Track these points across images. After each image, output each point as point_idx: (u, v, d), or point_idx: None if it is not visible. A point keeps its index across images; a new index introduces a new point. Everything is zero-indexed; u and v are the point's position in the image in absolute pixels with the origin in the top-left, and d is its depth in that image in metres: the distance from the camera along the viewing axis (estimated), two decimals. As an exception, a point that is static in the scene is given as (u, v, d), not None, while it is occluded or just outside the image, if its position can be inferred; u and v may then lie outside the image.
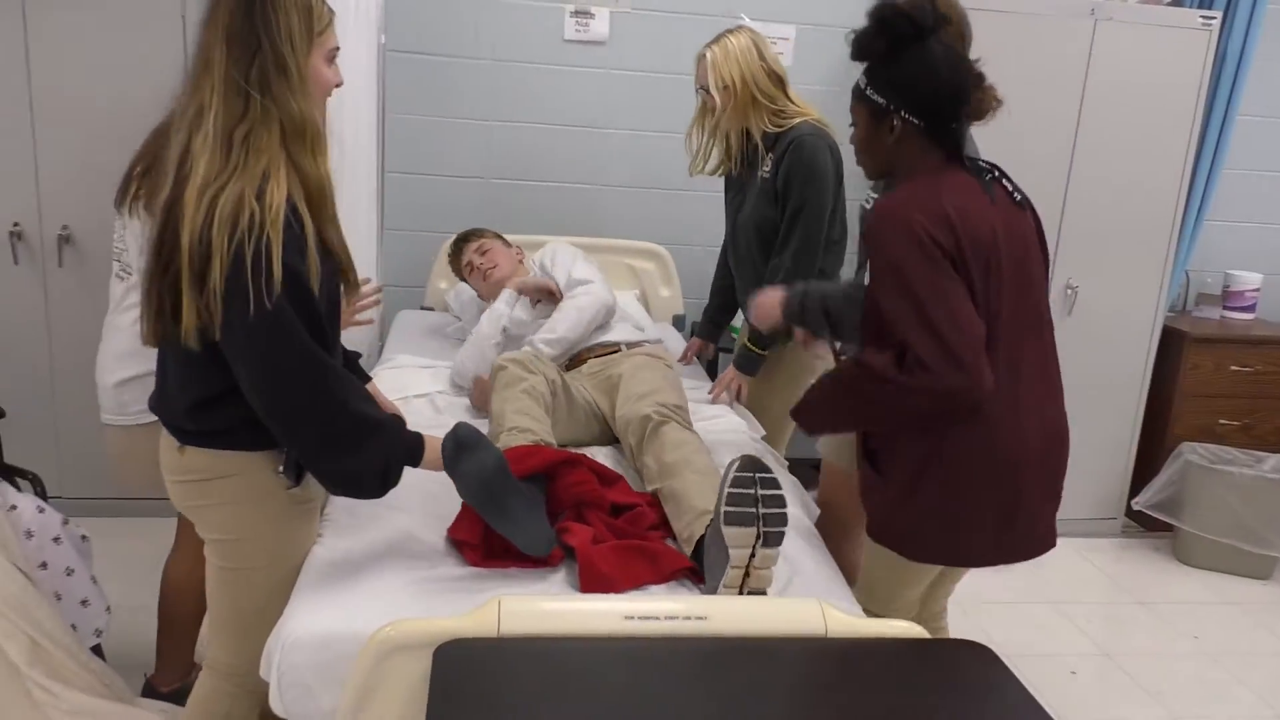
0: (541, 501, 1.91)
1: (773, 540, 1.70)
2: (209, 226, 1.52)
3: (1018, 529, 1.91)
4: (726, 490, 1.72)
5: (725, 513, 1.70)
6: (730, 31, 2.72)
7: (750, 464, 1.75)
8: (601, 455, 2.40)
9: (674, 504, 2.01)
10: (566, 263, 3.04)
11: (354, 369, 2.05)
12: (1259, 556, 3.66)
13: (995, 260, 1.78)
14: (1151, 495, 3.81)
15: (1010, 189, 1.88)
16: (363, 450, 1.67)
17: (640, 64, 3.89)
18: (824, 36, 3.88)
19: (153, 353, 1.76)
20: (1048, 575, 3.61)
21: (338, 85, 1.74)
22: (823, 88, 3.71)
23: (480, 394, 2.63)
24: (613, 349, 2.81)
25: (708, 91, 2.70)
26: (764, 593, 1.73)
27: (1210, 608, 3.49)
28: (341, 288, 1.73)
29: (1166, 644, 3.22)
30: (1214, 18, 3.55)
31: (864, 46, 1.82)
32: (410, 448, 1.75)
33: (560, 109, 3.89)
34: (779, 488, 1.74)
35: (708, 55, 2.70)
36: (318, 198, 1.64)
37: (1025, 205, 1.89)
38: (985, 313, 1.77)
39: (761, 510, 1.70)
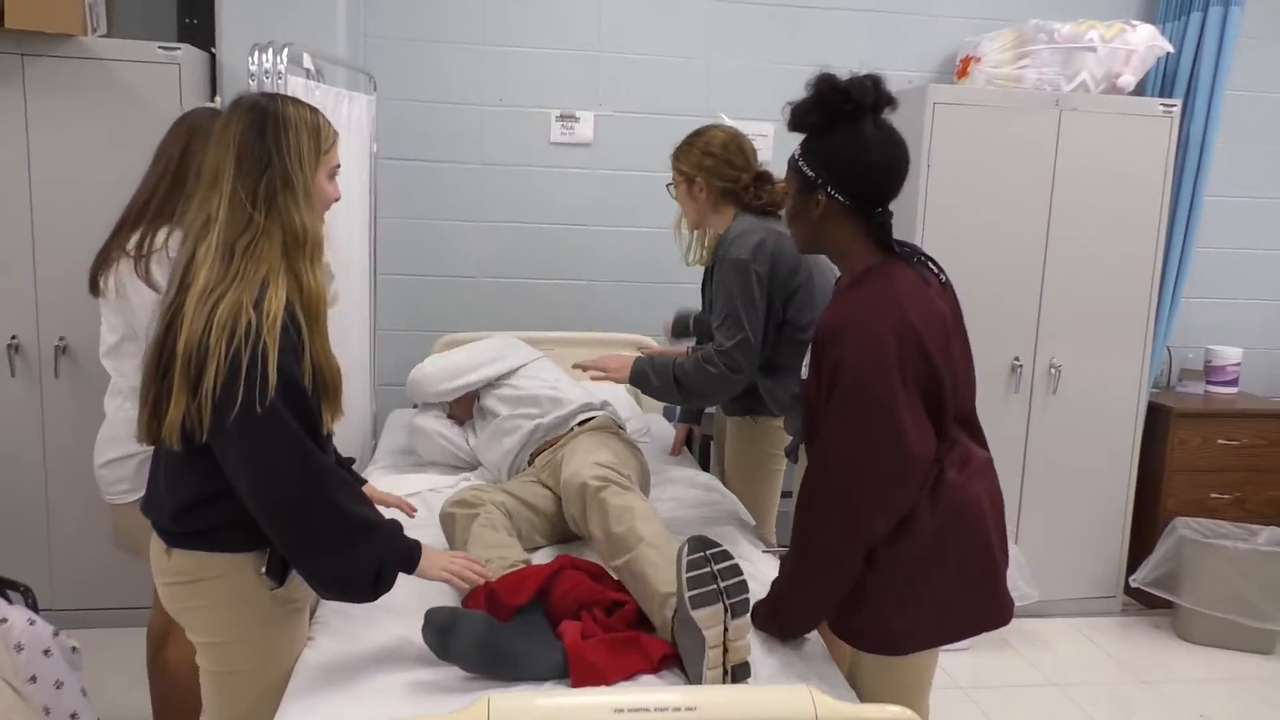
0: (542, 623, 1.89)
1: (740, 609, 1.72)
2: (207, 333, 1.58)
3: (995, 592, 1.88)
4: (685, 577, 1.73)
5: (690, 598, 1.71)
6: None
7: (699, 544, 1.78)
8: (574, 549, 2.41)
9: (637, 587, 1.99)
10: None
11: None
12: (1260, 631, 3.64)
13: (954, 341, 1.80)
14: (1148, 572, 3.80)
15: (936, 270, 1.86)
16: (354, 551, 1.69)
17: (624, 163, 4.01)
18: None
19: (132, 438, 1.80)
20: (1049, 656, 3.58)
21: (335, 200, 1.83)
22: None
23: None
24: (558, 437, 2.77)
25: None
26: (747, 664, 1.74)
27: (1214, 685, 3.45)
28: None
29: (1172, 724, 3.18)
30: (1174, 105, 3.69)
31: (798, 117, 1.81)
32: (405, 554, 1.77)
33: (548, 209, 4.00)
34: (732, 558, 1.77)
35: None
36: (314, 307, 1.70)
37: (948, 285, 1.88)
38: (953, 401, 1.79)
39: (722, 584, 1.72)
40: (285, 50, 2.60)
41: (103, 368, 3.28)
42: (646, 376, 2.49)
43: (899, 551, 1.78)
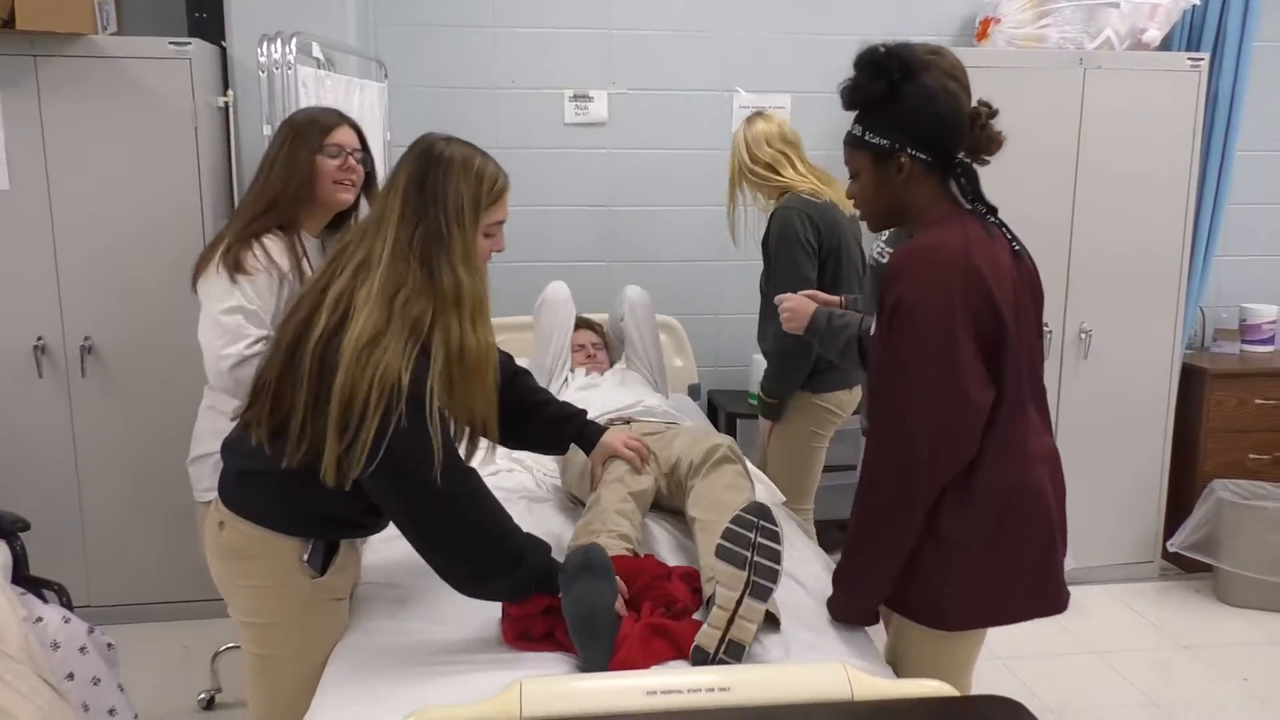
0: (619, 622, 1.84)
1: (760, 593, 1.68)
2: (368, 387, 1.58)
3: (1053, 580, 1.85)
4: (727, 525, 1.71)
5: (718, 545, 1.69)
6: (746, 120, 2.96)
7: (758, 510, 1.74)
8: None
9: (707, 539, 1.96)
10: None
11: (521, 387, 2.17)
12: (1303, 593, 3.58)
13: (1022, 308, 1.77)
14: (1186, 536, 3.74)
15: (1009, 237, 1.84)
16: (507, 580, 1.75)
17: (640, 142, 3.97)
18: (817, 103, 3.95)
19: (212, 436, 1.81)
20: (1088, 624, 3.54)
21: (498, 251, 1.81)
22: (824, 151, 3.76)
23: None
24: (656, 430, 2.74)
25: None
26: (743, 648, 1.69)
27: (1257, 648, 3.40)
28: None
29: (1215, 688, 3.13)
30: (1202, 59, 3.60)
31: (864, 90, 1.79)
32: (549, 574, 1.78)
33: (566, 190, 3.97)
34: (778, 543, 1.72)
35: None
36: (471, 364, 1.69)
37: (1022, 253, 1.86)
38: (1020, 361, 1.75)
39: (754, 558, 1.69)
40: (294, 40, 2.59)
41: (128, 366, 3.31)
42: (820, 333, 2.35)
43: (961, 525, 1.74)
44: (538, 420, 2.19)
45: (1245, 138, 3.99)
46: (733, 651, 1.70)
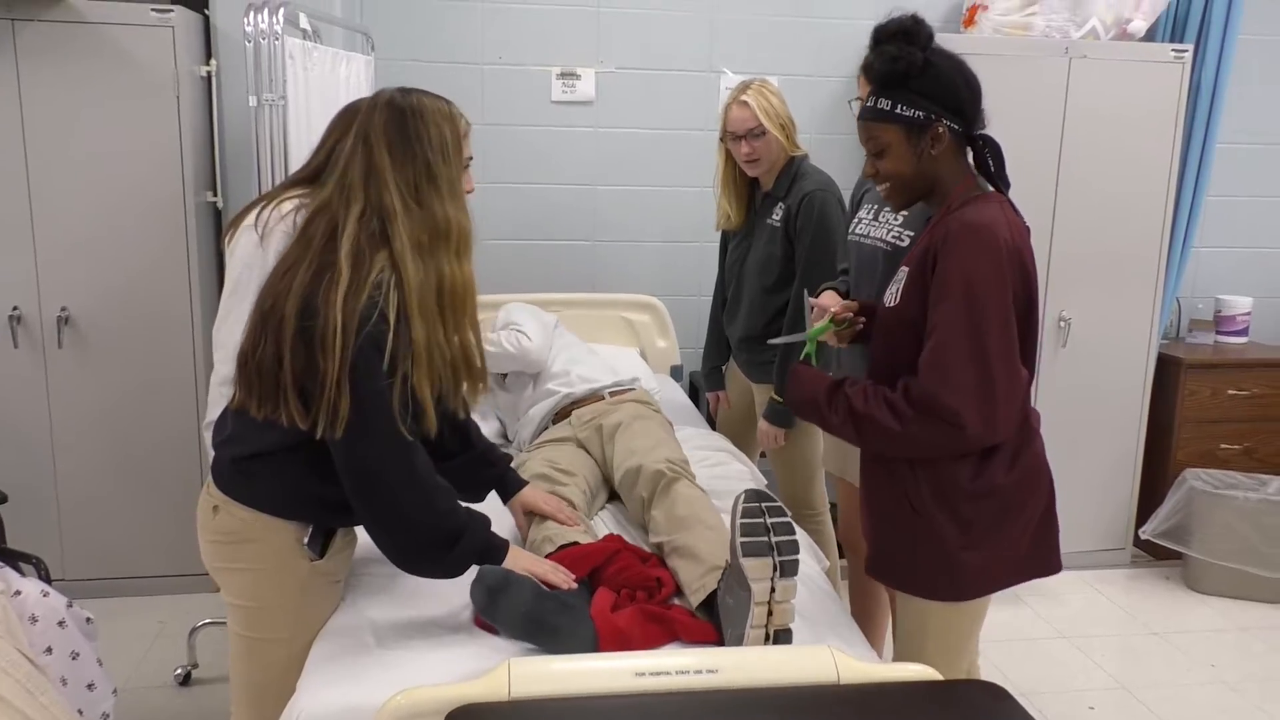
0: (585, 600, 1.84)
1: (789, 569, 1.70)
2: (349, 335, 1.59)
3: (1051, 538, 1.92)
4: (739, 522, 1.71)
5: (741, 544, 1.69)
6: (755, 86, 2.82)
7: (756, 495, 1.76)
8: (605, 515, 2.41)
9: (685, 557, 1.96)
10: (510, 312, 3.13)
11: (472, 444, 2.07)
12: (1270, 580, 3.64)
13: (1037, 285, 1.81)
14: (1158, 524, 3.80)
15: (1019, 215, 1.86)
16: (445, 561, 1.75)
17: (627, 121, 3.95)
18: (803, 85, 3.95)
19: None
20: (1060, 609, 3.59)
21: (469, 191, 1.81)
22: (809, 135, 3.76)
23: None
24: (596, 398, 2.77)
25: (762, 135, 2.77)
26: (790, 631, 1.72)
27: (1225, 634, 3.46)
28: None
29: (1183, 673, 3.19)
30: (1185, 50, 3.62)
31: (905, 60, 1.75)
32: (490, 551, 1.80)
33: (551, 169, 3.95)
34: (785, 515, 1.74)
35: (752, 102, 2.77)
36: (460, 297, 1.71)
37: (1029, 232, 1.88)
38: (1036, 340, 1.81)
39: (774, 539, 1.70)
40: (280, 10, 2.55)
41: (105, 337, 3.27)
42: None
43: (983, 498, 1.79)
44: (461, 458, 2.07)
45: (1226, 130, 4.02)
46: (781, 640, 1.71)
